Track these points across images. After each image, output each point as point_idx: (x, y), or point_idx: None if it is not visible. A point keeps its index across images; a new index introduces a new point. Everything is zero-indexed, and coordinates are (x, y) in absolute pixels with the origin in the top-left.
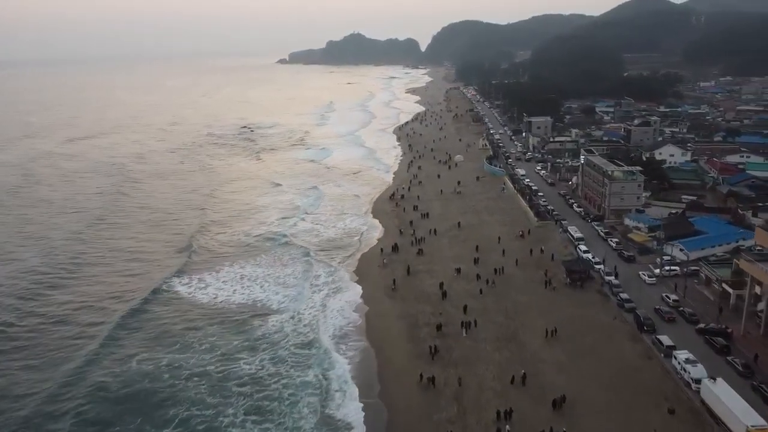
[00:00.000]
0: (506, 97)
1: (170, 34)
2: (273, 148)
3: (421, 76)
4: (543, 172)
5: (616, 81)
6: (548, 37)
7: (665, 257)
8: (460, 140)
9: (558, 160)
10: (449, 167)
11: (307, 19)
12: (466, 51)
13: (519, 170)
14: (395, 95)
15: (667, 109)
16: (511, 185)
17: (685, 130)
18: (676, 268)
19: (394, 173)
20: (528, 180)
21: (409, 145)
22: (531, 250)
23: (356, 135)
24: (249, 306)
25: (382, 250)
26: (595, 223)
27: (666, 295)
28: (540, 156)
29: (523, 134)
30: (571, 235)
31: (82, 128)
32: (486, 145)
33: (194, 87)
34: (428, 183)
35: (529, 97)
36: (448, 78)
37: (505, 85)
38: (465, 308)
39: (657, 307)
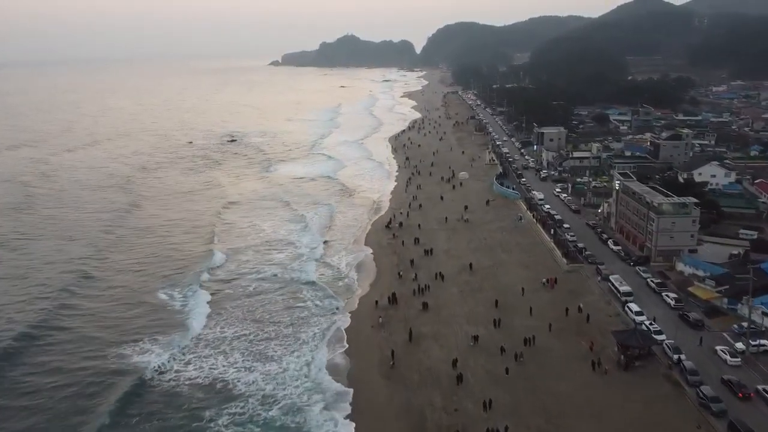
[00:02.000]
0: (510, 104)
1: (160, 36)
2: (282, 160)
3: (416, 79)
4: (564, 195)
5: (623, 85)
6: (546, 39)
7: (751, 325)
8: (463, 153)
9: (579, 180)
10: (453, 186)
11: (299, 20)
12: (462, 53)
13: (535, 193)
14: (396, 100)
15: (686, 118)
16: (529, 213)
17: (713, 143)
18: (766, 342)
19: (391, 193)
20: (548, 206)
21: (406, 158)
22: (567, 309)
23: (364, 146)
24: (205, 388)
25: (377, 302)
26: (640, 267)
27: (764, 389)
28: (557, 174)
29: (534, 147)
30: (615, 287)
31: (79, 135)
32: (493, 160)
33: (189, 90)
34: (430, 206)
35: (535, 103)
36: (444, 81)
37: (508, 90)
38: (489, 403)
39: (725, 377)
